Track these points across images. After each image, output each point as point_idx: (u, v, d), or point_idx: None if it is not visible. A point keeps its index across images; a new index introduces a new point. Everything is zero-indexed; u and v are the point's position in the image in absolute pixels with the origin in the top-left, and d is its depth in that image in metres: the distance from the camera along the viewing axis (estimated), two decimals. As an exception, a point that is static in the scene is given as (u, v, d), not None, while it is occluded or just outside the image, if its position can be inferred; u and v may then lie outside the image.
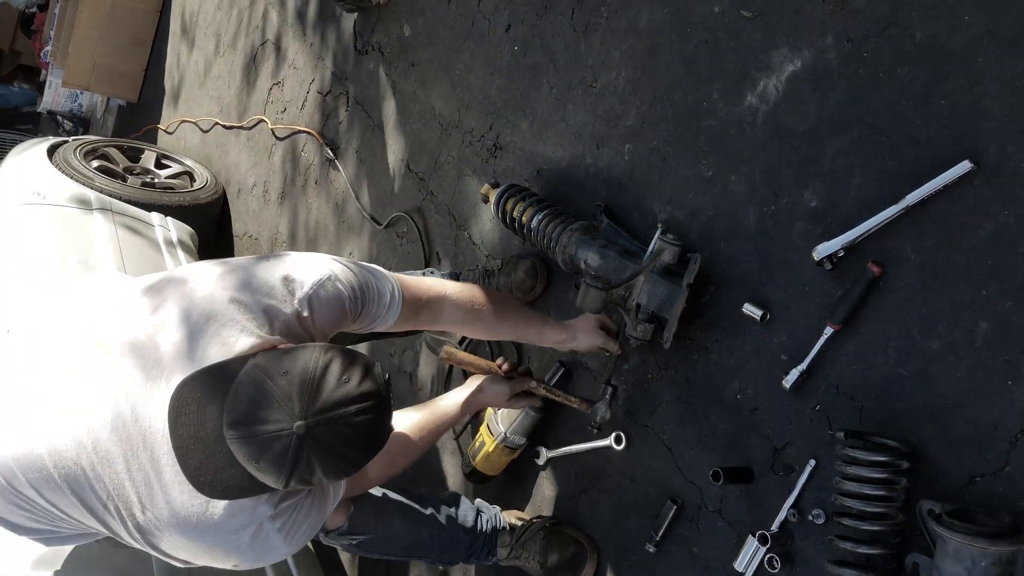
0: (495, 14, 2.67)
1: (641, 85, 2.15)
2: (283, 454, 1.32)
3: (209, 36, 5.24)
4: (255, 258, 1.63)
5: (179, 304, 1.51)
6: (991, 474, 1.44)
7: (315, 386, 1.34)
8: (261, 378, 1.35)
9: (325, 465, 1.36)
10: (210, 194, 4.45)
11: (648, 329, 1.93)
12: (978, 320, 1.47)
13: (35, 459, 1.48)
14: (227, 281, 1.54)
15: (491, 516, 2.29)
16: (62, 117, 8.17)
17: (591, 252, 2.06)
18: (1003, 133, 1.45)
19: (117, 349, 1.49)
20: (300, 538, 1.60)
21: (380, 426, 1.43)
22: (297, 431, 1.31)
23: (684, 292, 1.85)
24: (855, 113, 1.67)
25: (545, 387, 2.17)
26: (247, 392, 1.35)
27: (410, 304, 1.79)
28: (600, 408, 2.07)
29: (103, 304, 1.59)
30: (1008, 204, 1.44)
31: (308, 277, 1.57)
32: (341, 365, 1.38)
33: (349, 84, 3.53)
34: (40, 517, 1.56)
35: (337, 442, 1.35)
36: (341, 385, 1.35)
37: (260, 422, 1.32)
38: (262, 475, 1.36)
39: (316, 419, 1.32)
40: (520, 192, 2.32)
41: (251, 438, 1.32)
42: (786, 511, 1.72)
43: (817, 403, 1.70)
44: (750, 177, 1.87)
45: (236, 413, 1.34)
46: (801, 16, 1.78)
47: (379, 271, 1.75)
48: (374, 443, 1.44)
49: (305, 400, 1.32)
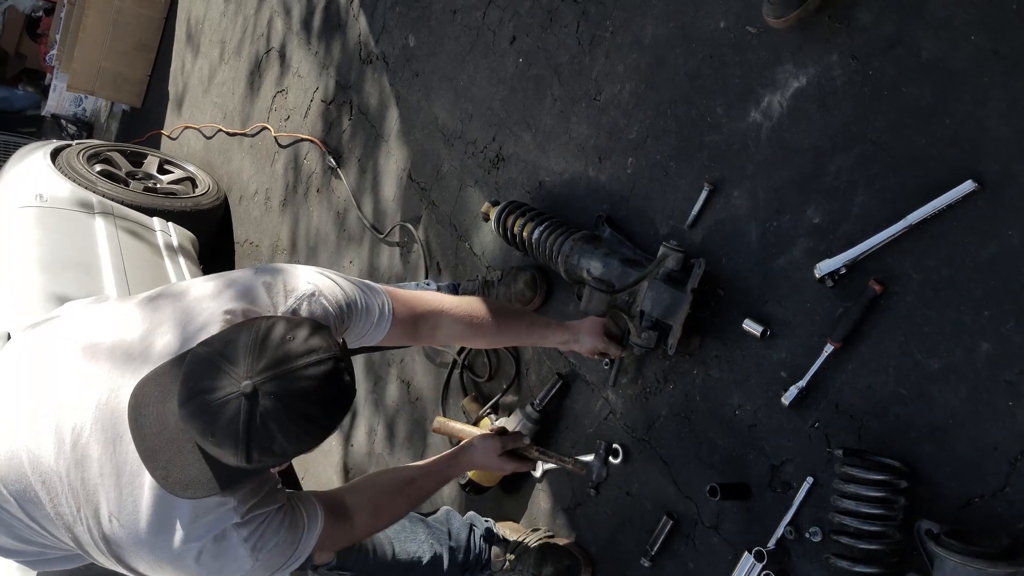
0: (500, 26, 2.68)
1: (645, 99, 2.15)
2: (235, 419, 1.27)
3: (214, 43, 5.26)
4: (247, 271, 1.62)
5: (174, 315, 1.51)
6: (990, 495, 1.43)
7: (259, 345, 1.30)
8: (206, 352, 1.32)
9: (284, 426, 1.30)
10: (212, 200, 4.45)
11: (652, 336, 1.93)
12: (979, 340, 1.46)
13: (16, 464, 1.48)
14: (219, 293, 1.55)
15: (483, 531, 2.28)
16: (66, 121, 8.18)
17: (594, 260, 2.06)
18: (1007, 153, 1.45)
19: (108, 355, 1.49)
20: (268, 555, 1.54)
21: (335, 379, 1.36)
22: (244, 390, 1.26)
23: (688, 297, 1.84)
24: (859, 131, 1.67)
25: (538, 450, 2.10)
26: (192, 369, 1.32)
27: (403, 320, 1.77)
28: (595, 466, 2.05)
29: (99, 313, 1.61)
30: (1011, 224, 1.43)
31: (292, 292, 1.56)
32: (286, 326, 1.35)
33: (353, 93, 3.53)
34: (25, 536, 1.56)
35: (291, 398, 1.29)
36: (286, 343, 1.32)
37: (208, 391, 1.28)
38: (220, 451, 1.30)
39: (263, 376, 1.28)
40: (520, 207, 2.32)
41: (201, 410, 1.28)
42: (783, 528, 1.71)
43: (816, 420, 1.70)
44: (753, 193, 1.86)
45: (185, 390, 1.30)
46: (807, 33, 1.78)
47: (370, 287, 1.73)
48: (333, 398, 1.37)
49: (250, 360, 1.29)
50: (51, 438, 1.47)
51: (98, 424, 1.45)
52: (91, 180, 3.88)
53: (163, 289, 1.61)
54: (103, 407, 1.46)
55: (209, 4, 5.46)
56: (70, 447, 1.46)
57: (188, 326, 1.50)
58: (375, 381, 3.12)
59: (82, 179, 3.85)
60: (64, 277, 3.11)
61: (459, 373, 2.69)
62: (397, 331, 1.76)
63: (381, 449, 3.04)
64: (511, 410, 2.45)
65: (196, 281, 1.62)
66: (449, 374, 2.74)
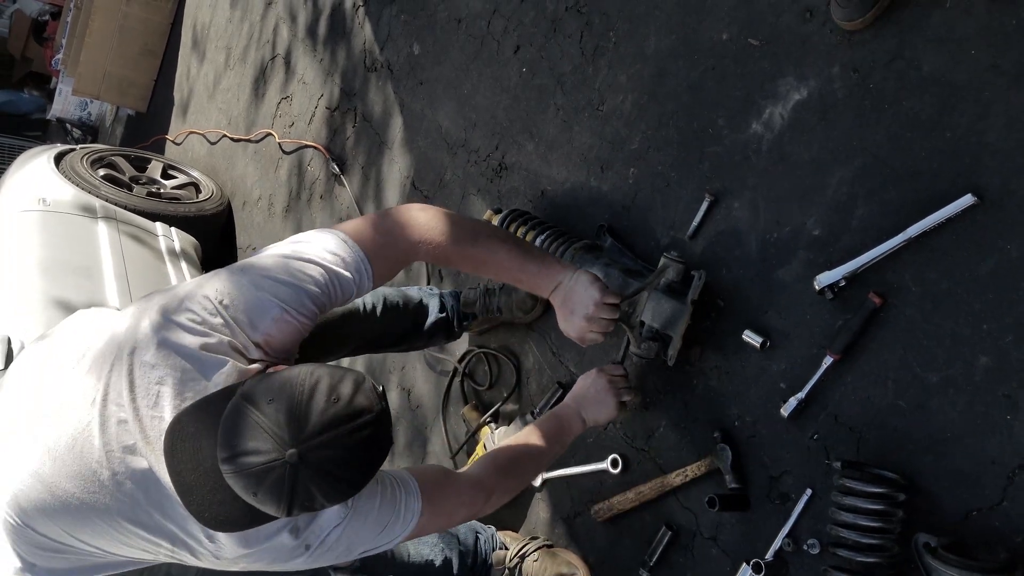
0: (504, 35, 2.69)
1: (647, 109, 2.16)
2: (279, 485, 1.28)
3: (220, 49, 5.28)
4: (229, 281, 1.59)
5: (161, 299, 1.55)
6: (988, 509, 1.43)
7: (303, 410, 1.29)
8: (248, 409, 1.31)
9: (324, 490, 1.32)
10: (215, 206, 4.46)
11: (652, 347, 1.93)
12: (978, 354, 1.47)
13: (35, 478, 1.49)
14: (205, 279, 1.57)
15: (488, 536, 2.29)
16: (71, 125, 8.22)
17: (594, 270, 2.06)
18: (1007, 167, 1.45)
19: (102, 351, 1.51)
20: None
21: (377, 442, 1.37)
22: (289, 459, 1.27)
23: (688, 309, 1.84)
24: (860, 144, 1.68)
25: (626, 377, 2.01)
26: (235, 424, 1.31)
27: (382, 275, 1.68)
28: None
29: (100, 316, 1.64)
30: (1011, 239, 1.44)
31: (259, 317, 1.52)
32: (329, 384, 1.34)
33: (357, 100, 3.54)
34: (61, 554, 1.57)
35: (333, 465, 1.31)
36: (331, 405, 1.31)
37: (252, 453, 1.28)
38: (263, 507, 1.33)
39: (307, 444, 1.28)
40: (522, 216, 2.33)
41: (245, 472, 1.29)
42: (781, 540, 1.71)
43: (815, 432, 1.70)
44: (754, 204, 1.87)
45: (227, 448, 1.30)
46: (808, 46, 1.79)
47: (344, 262, 1.59)
48: (373, 460, 1.39)
49: (295, 426, 1.28)
50: (52, 444, 1.48)
51: (96, 421, 1.47)
52: (94, 184, 3.90)
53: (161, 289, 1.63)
54: (98, 403, 1.47)
55: (215, 10, 5.49)
56: (71, 449, 1.47)
57: (170, 303, 1.51)
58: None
59: (85, 183, 3.86)
60: (65, 281, 3.12)
61: (460, 381, 2.70)
62: (379, 281, 1.68)
63: (381, 456, 3.03)
64: (512, 418, 2.45)
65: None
66: (450, 382, 2.74)
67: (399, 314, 2.38)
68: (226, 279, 1.55)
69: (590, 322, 1.83)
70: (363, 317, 2.27)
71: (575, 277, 1.82)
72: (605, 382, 1.96)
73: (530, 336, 2.47)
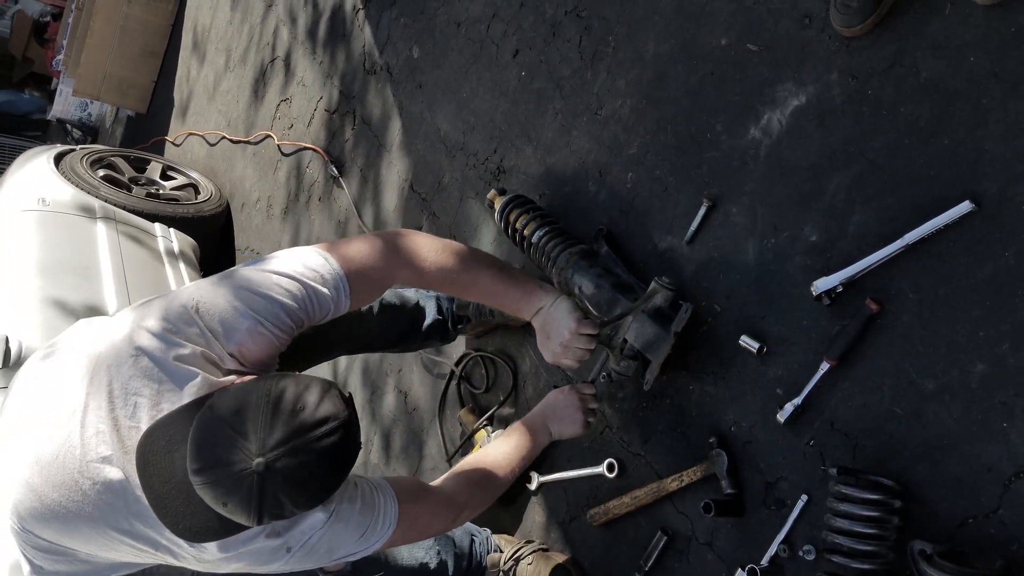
0: (503, 39, 2.69)
1: (645, 114, 2.16)
2: (248, 495, 1.30)
3: (220, 51, 5.28)
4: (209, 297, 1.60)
5: (160, 304, 1.57)
6: (984, 516, 1.43)
7: (268, 419, 1.31)
8: (215, 420, 1.33)
9: (293, 498, 1.34)
10: (214, 207, 4.47)
11: (631, 366, 1.92)
12: (975, 361, 1.46)
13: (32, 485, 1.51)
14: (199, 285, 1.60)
15: (483, 539, 2.29)
16: (71, 125, 8.22)
17: (586, 280, 2.06)
18: (1005, 174, 1.45)
19: (102, 357, 1.52)
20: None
21: (344, 448, 1.39)
22: (257, 468, 1.28)
23: (671, 339, 1.84)
24: (857, 150, 1.68)
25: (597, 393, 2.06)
26: (203, 436, 1.33)
27: (360, 294, 1.70)
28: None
29: (101, 324, 1.65)
30: (1008, 246, 1.44)
31: (232, 328, 1.53)
32: (294, 393, 1.35)
33: (356, 103, 3.55)
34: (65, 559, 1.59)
35: (301, 473, 1.32)
36: (296, 414, 1.33)
37: (220, 465, 1.30)
38: (234, 516, 1.34)
39: (273, 453, 1.29)
40: (526, 204, 2.32)
41: (215, 483, 1.31)
42: (776, 546, 1.71)
43: (811, 438, 1.70)
44: (751, 210, 1.87)
45: (197, 460, 1.32)
46: (807, 52, 1.79)
47: (322, 279, 1.61)
48: (341, 466, 1.41)
49: (260, 436, 1.30)
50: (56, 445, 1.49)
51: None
52: (94, 185, 3.90)
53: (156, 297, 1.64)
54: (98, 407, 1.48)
55: (216, 12, 5.49)
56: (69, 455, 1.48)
57: (151, 314, 1.53)
58: (372, 391, 3.12)
59: (85, 184, 3.86)
60: (64, 281, 3.12)
61: (456, 384, 2.69)
62: (357, 302, 1.70)
63: (377, 459, 3.04)
64: (508, 422, 2.45)
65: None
66: (447, 385, 2.74)
67: (396, 315, 2.39)
68: (205, 288, 1.58)
69: (565, 349, 1.90)
70: (361, 317, 2.28)
71: (556, 304, 1.89)
72: (576, 399, 2.03)
73: (527, 340, 2.47)
